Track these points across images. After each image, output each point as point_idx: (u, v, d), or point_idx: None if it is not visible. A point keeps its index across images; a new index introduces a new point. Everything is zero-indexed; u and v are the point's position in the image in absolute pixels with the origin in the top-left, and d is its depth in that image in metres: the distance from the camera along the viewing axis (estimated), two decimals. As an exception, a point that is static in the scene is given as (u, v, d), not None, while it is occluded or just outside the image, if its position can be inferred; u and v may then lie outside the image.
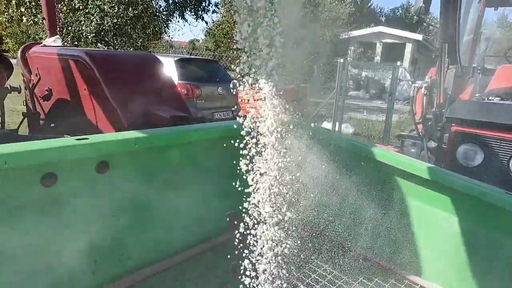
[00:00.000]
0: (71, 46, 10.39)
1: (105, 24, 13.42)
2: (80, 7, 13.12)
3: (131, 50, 13.78)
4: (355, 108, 14.22)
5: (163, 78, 3.39)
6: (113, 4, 13.07)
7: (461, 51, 4.42)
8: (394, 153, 2.16)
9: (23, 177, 1.46)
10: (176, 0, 15.24)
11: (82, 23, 13.55)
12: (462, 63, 4.54)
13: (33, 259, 1.52)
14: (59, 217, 1.59)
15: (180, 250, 2.06)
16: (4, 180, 1.39)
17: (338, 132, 8.14)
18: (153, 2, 14.67)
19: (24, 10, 12.63)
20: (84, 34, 13.78)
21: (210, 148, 2.10)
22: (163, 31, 16.28)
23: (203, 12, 15.64)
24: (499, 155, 3.21)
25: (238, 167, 1.51)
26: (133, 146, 1.75)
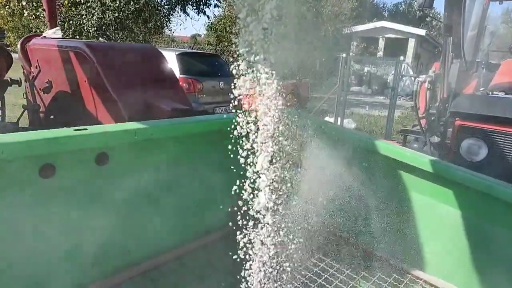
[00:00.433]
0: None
1: (106, 18, 13.37)
2: (82, 1, 13.06)
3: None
4: (357, 104, 14.16)
5: (164, 71, 3.36)
6: (114, -2, 13.03)
7: (465, 46, 4.37)
8: (398, 146, 2.14)
9: (21, 168, 1.43)
10: (178, -6, 15.18)
11: (84, 17, 13.49)
12: (466, 57, 4.49)
13: (30, 252, 1.50)
14: (58, 209, 1.56)
15: (180, 243, 2.04)
16: (1, 170, 1.37)
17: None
18: (154, -4, 14.61)
19: (25, 3, 12.60)
20: (85, 28, 13.73)
21: (210, 140, 2.07)
22: (164, 26, 16.21)
23: (205, 6, 15.58)
24: (504, 149, 3.18)
25: (238, 159, 1.48)
26: (133, 137, 1.72)
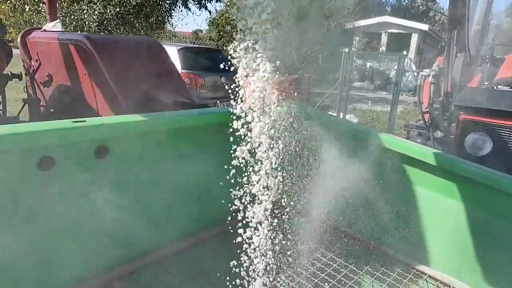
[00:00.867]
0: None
1: (107, 13, 13.33)
2: (83, -5, 13.04)
3: (134, 39, 13.66)
4: (359, 99, 14.11)
5: (165, 64, 3.33)
6: (115, -8, 12.99)
7: (469, 40, 4.33)
8: (401, 139, 2.10)
9: (19, 160, 1.41)
10: (179, -11, 15.12)
11: (85, 12, 13.45)
12: (471, 52, 4.45)
13: (27, 246, 1.48)
14: (57, 203, 1.54)
15: (182, 236, 2.01)
16: None
17: (343, 122, 8.05)
18: (156, -10, 14.56)
19: (26, -2, 12.57)
20: (87, 24, 13.70)
21: (212, 133, 2.04)
22: (166, 21, 16.16)
23: (206, 1, 15.51)
24: (509, 144, 3.14)
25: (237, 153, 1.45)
26: (133, 130, 1.69)
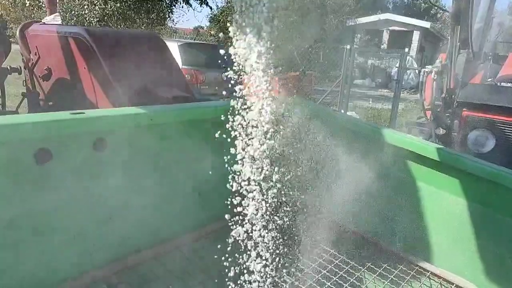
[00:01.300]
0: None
1: (108, 9, 13.28)
2: (84, -9, 12.99)
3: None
4: (360, 97, 14.06)
5: (165, 58, 3.29)
6: (116, -12, 12.93)
7: (472, 36, 4.29)
8: (404, 134, 2.07)
9: (15, 152, 1.38)
10: (180, -15, 15.06)
11: (85, 7, 13.41)
12: (474, 49, 4.41)
13: (23, 240, 1.45)
14: (53, 196, 1.51)
15: (181, 231, 1.98)
16: None
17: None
18: (156, -14, 14.50)
19: (27, -7, 12.51)
20: (87, 19, 13.66)
21: (212, 127, 2.01)
22: (167, 17, 16.10)
23: (207, -3, 15.44)
24: (512, 141, 3.12)
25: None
26: (132, 122, 1.67)
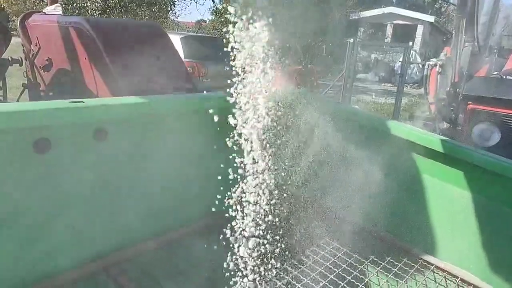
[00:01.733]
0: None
1: (110, 1, 13.22)
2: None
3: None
4: (363, 91, 14.00)
5: (167, 48, 3.26)
6: (118, -20, 12.87)
7: (478, 29, 4.24)
8: (408, 126, 2.04)
9: (13, 141, 1.35)
10: (183, -23, 14.96)
11: (87, -1, 13.37)
12: (479, 42, 4.36)
13: (22, 230, 1.43)
14: (53, 187, 1.49)
15: (178, 224, 1.96)
16: None
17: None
18: (159, -22, 14.43)
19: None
20: (89, 12, 13.62)
21: (211, 118, 1.98)
22: (169, 9, 16.03)
23: (210, -10, 15.35)
24: (518, 135, 3.08)
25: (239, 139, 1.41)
26: (132, 112, 1.64)
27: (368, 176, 1.90)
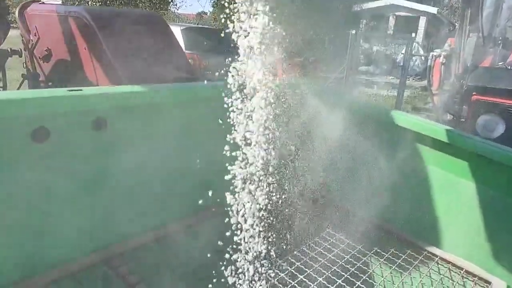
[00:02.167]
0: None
1: (110, -8, 13.16)
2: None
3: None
4: (365, 83, 13.92)
5: (167, 38, 3.22)
6: (118, -29, 12.79)
7: (482, 21, 4.19)
8: (413, 116, 2.01)
9: (11, 130, 1.33)
10: (183, -32, 14.87)
11: (87, -9, 13.29)
12: (484, 33, 4.31)
13: (19, 220, 1.41)
14: (51, 177, 1.46)
15: (180, 217, 1.94)
16: None
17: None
18: (159, -31, 14.33)
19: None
20: (89, 3, 13.55)
21: (214, 106, 1.95)
22: (169, 1, 15.94)
23: (211, -19, 15.24)
24: (523, 126, 3.04)
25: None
26: (132, 100, 1.61)
27: (372, 167, 1.87)
